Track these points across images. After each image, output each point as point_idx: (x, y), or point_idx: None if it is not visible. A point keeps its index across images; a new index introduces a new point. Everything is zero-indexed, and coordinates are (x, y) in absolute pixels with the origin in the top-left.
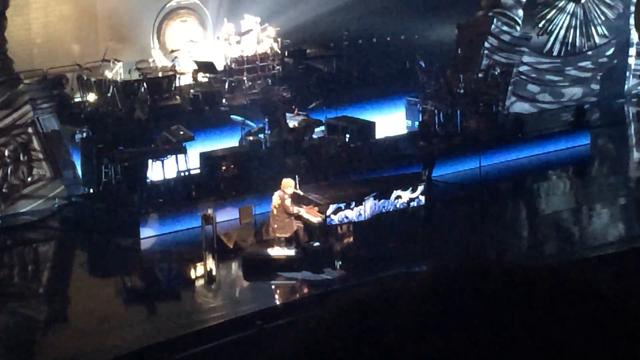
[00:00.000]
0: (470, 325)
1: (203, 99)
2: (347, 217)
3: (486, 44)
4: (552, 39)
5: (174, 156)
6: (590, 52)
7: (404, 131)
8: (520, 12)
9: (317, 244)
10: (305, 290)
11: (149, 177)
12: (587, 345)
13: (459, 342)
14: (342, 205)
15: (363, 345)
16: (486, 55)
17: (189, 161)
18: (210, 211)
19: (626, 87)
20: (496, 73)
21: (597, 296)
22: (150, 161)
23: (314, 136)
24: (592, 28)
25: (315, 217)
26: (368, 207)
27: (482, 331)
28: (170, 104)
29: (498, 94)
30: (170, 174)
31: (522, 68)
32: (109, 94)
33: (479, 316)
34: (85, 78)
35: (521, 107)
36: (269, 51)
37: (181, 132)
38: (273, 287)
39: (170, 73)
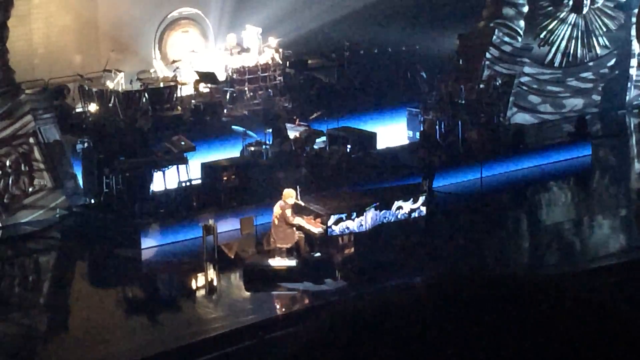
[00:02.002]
0: (469, 335)
1: (204, 110)
2: (348, 228)
3: (487, 55)
4: (553, 49)
5: (175, 166)
6: (591, 63)
7: (405, 142)
8: (522, 23)
9: (318, 254)
10: (306, 301)
11: (150, 187)
12: (587, 355)
13: (458, 352)
14: (343, 216)
15: (363, 355)
16: (487, 66)
17: (190, 171)
18: (211, 221)
19: (627, 98)
20: (497, 84)
21: (597, 307)
22: (151, 171)
23: (315, 147)
24: (594, 39)
25: (316, 228)
26: (369, 218)
27: (481, 341)
28: (172, 115)
29: (499, 104)
30: (172, 184)
31: (523, 79)
32: (111, 105)
33: (477, 326)
34: (86, 88)
35: (522, 117)
36: (270, 62)
37: (182, 143)
38: (274, 297)
39: (172, 83)
